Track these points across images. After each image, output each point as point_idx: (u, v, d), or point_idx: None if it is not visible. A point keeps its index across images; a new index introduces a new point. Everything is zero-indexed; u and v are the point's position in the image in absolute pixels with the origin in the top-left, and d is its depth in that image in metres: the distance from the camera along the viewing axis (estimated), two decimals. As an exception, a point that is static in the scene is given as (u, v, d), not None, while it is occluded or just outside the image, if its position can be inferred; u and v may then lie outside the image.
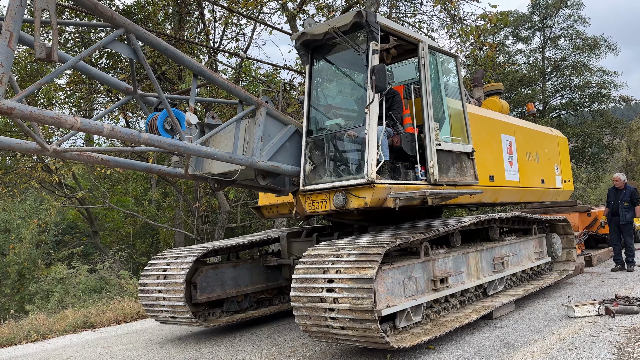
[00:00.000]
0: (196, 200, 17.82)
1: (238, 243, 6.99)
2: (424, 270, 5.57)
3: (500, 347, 5.12)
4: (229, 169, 5.76)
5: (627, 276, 9.08)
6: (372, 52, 5.41)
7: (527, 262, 7.57)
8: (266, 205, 7.56)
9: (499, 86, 8.61)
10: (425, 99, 6.02)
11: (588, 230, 12.61)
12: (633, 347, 4.79)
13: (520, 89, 27.98)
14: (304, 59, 6.07)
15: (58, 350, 6.83)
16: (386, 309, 4.92)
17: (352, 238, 5.33)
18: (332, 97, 6.58)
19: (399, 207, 5.68)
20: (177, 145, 4.76)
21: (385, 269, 5.02)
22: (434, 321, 5.66)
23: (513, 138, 7.79)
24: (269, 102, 5.73)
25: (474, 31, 14.79)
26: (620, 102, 29.35)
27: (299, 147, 5.95)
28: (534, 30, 29.30)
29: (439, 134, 6.11)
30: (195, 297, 6.31)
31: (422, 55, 6.07)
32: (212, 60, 16.13)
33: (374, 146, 5.37)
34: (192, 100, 5.02)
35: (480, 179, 6.75)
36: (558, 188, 9.05)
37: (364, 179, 5.31)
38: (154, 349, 6.32)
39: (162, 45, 4.80)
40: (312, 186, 5.74)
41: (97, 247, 21.59)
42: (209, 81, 5.20)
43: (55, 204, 19.13)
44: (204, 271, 6.42)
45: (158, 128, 5.03)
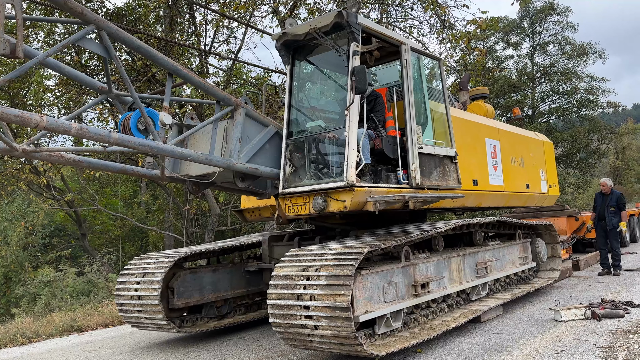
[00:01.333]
0: (186, 203, 17.60)
1: (218, 247, 6.80)
2: (405, 275, 5.43)
3: (487, 351, 5.11)
4: (207, 170, 5.60)
5: (614, 280, 9.07)
6: (353, 53, 5.28)
7: (511, 267, 7.45)
8: (248, 209, 7.40)
9: (485, 90, 8.51)
10: (407, 102, 5.90)
11: (576, 235, 12.60)
12: (618, 351, 4.79)
13: (510, 94, 28.05)
14: (285, 60, 5.93)
15: (44, 354, 6.69)
16: (364, 315, 4.77)
17: (327, 244, 5.14)
18: (314, 98, 6.44)
19: (379, 210, 5.56)
20: (150, 145, 4.60)
21: (364, 274, 4.88)
22: (422, 325, 5.58)
23: (497, 142, 7.68)
24: (248, 103, 5.58)
25: (464, 37, 14.79)
26: (608, 108, 29.49)
27: (279, 149, 5.80)
28: (524, 36, 29.43)
29: (421, 137, 5.98)
30: (173, 303, 6.12)
31: (405, 58, 5.95)
32: (202, 62, 15.98)
33: (353, 149, 5.23)
34: (167, 99, 4.86)
35: (463, 183, 6.63)
36: (543, 193, 8.95)
37: (343, 182, 5.16)
38: (141, 353, 6.19)
39: (135, 43, 4.64)
40: (292, 189, 5.59)
41: (85, 250, 21.27)
42: (185, 80, 5.03)
43: (43, 206, 18.82)
44: (182, 276, 6.23)
45: (131, 128, 4.86)
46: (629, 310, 6.44)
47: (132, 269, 6.22)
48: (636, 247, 14.37)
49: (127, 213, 21.64)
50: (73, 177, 22.41)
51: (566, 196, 30.84)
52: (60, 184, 20.41)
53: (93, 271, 13.86)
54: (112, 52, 4.48)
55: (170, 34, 15.59)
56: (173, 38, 15.22)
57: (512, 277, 7.62)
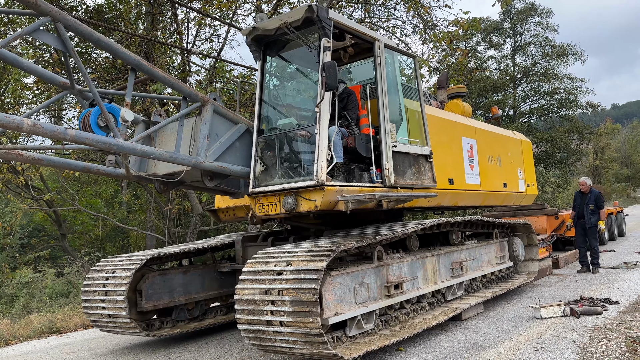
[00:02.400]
0: (168, 202, 17.28)
1: (189, 249, 6.58)
2: (377, 276, 5.28)
3: (468, 349, 5.12)
4: (175, 169, 5.39)
5: (592, 278, 9.11)
6: (324, 48, 5.11)
7: (487, 266, 7.35)
8: (222, 208, 7.19)
9: (462, 89, 8.41)
10: (381, 99, 5.75)
11: (555, 233, 12.64)
12: (596, 347, 4.83)
13: (491, 94, 28.18)
14: (255, 55, 5.74)
15: (22, 357, 6.53)
16: (334, 317, 4.61)
17: (295, 245, 4.97)
18: (286, 95, 6.26)
19: (352, 210, 5.40)
20: (109, 143, 4.38)
21: (334, 275, 4.72)
22: (403, 323, 5.52)
23: (474, 141, 7.58)
24: (217, 100, 5.38)
25: (446, 37, 14.78)
26: (587, 108, 29.85)
27: (250, 147, 5.61)
28: (505, 37, 29.63)
29: (395, 136, 5.84)
30: (141, 306, 5.89)
31: (378, 54, 5.80)
32: (185, 61, 15.70)
33: (324, 146, 5.07)
34: (129, 95, 4.65)
35: (439, 182, 6.51)
36: (521, 192, 8.89)
37: (313, 180, 4.99)
38: (121, 355, 6.03)
39: (95, 35, 4.42)
40: (262, 188, 5.40)
41: (65, 251, 20.78)
42: (148, 75, 4.82)
43: (22, 206, 18.34)
44: (150, 278, 6.00)
45: (91, 125, 4.65)
46: (606, 307, 6.46)
47: (98, 272, 5.97)
48: (614, 245, 14.42)
49: (108, 213, 21.21)
50: (52, 176, 21.89)
51: (546, 195, 31.09)
52: (39, 184, 19.92)
53: (73, 272, 13.55)
54: (69, 45, 4.26)
55: (152, 32, 15.28)
56: (155, 36, 14.91)
57: (489, 276, 7.52)
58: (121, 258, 6.02)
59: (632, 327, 5.50)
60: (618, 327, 5.57)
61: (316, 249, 4.43)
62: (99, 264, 6.12)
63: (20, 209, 18.09)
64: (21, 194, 18.73)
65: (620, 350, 4.70)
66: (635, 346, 4.80)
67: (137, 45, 13.97)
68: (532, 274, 8.17)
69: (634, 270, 9.66)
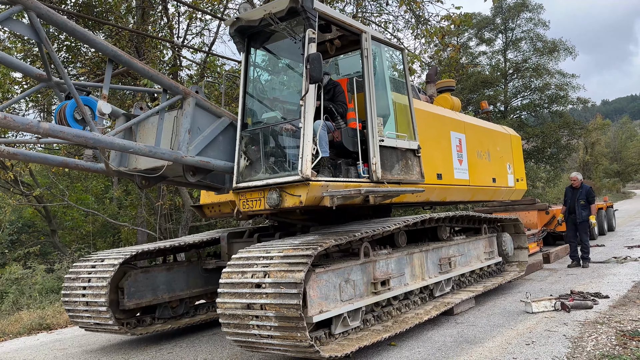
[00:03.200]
0: (159, 198, 17.06)
1: (174, 245, 6.42)
2: (364, 273, 5.16)
3: (460, 343, 5.11)
4: (156, 164, 5.21)
5: (583, 272, 9.08)
6: (309, 40, 4.95)
7: (476, 262, 7.25)
8: (208, 204, 7.03)
9: (451, 83, 8.27)
10: (368, 92, 5.60)
11: (546, 228, 12.63)
12: (587, 341, 4.83)
13: (483, 90, 28.10)
14: (239, 47, 5.57)
15: (11, 354, 6.44)
16: (318, 315, 4.49)
17: (271, 246, 4.75)
18: (270, 88, 6.10)
19: (338, 206, 5.26)
20: (85, 136, 4.21)
21: (319, 272, 4.59)
22: (395, 317, 5.46)
23: (463, 136, 7.46)
24: (199, 92, 5.21)
25: (438, 32, 14.68)
26: (577, 103, 29.83)
27: (234, 142, 5.45)
28: (497, 33, 29.53)
29: (382, 130, 5.70)
30: (123, 304, 5.73)
31: (365, 47, 5.65)
32: (175, 55, 15.46)
33: (309, 141, 4.92)
34: (106, 87, 4.46)
35: (427, 177, 6.39)
36: (510, 187, 8.79)
37: (297, 175, 4.85)
38: (112, 351, 5.94)
39: (69, 25, 4.23)
40: (246, 183, 5.25)
41: (55, 246, 20.52)
42: (127, 66, 4.63)
43: (11, 201, 18.06)
44: (133, 275, 5.84)
45: (67, 118, 4.47)
46: (597, 301, 6.47)
47: (79, 270, 5.80)
48: (604, 240, 14.44)
49: (99, 209, 20.95)
50: (42, 172, 21.58)
51: (537, 190, 31.13)
52: (28, 179, 19.62)
53: (63, 268, 13.36)
54: (42, 35, 4.07)
55: (142, 26, 15.02)
56: (145, 30, 14.66)
57: (478, 271, 7.42)
58: (103, 255, 5.84)
59: (622, 321, 5.50)
60: (608, 321, 5.57)
61: (292, 253, 4.26)
62: (80, 261, 5.94)
63: (9, 204, 17.79)
64: (10, 190, 18.43)
65: (611, 344, 4.71)
66: (626, 340, 4.80)
67: (128, 39, 13.72)
68: (523, 264, 8.08)
69: (623, 264, 9.67)
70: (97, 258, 5.81)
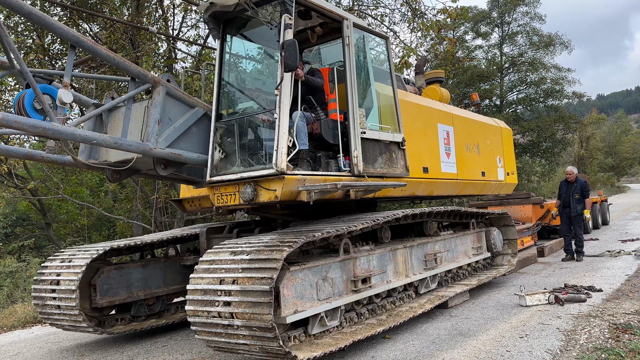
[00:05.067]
0: (154, 191, 16.77)
1: (151, 240, 6.13)
2: (343, 270, 4.87)
3: (454, 336, 5.10)
4: (127, 156, 4.90)
5: (577, 266, 9.02)
6: (285, 26, 4.63)
7: (463, 258, 6.97)
8: (188, 198, 6.74)
9: (440, 74, 7.95)
10: (349, 82, 5.30)
11: (541, 222, 12.51)
12: (580, 334, 4.82)
13: (479, 84, 27.71)
14: (214, 34, 5.25)
15: (5, 347, 6.37)
16: (293, 315, 4.21)
17: (237, 247, 4.42)
18: (247, 78, 5.78)
19: (317, 200, 4.97)
20: (43, 127, 3.91)
21: (294, 270, 4.30)
22: (389, 311, 5.34)
23: (451, 128, 7.15)
24: (170, 81, 4.90)
25: (434, 25, 14.40)
26: (573, 98, 29.44)
27: (209, 133, 5.15)
28: (493, 26, 29.08)
29: (364, 121, 5.40)
30: (95, 301, 5.45)
31: (347, 34, 5.33)
32: (170, 48, 15.12)
33: (285, 132, 4.62)
34: (68, 75, 4.16)
35: (412, 171, 6.10)
36: (500, 181, 8.49)
37: (272, 169, 4.55)
38: (107, 344, 5.85)
39: (26, 9, 3.92)
40: (220, 177, 4.96)
41: (50, 240, 20.26)
42: (90, 53, 4.32)
43: (5, 194, 17.76)
44: (106, 272, 5.55)
45: (26, 108, 4.17)
46: (590, 294, 6.43)
47: (51, 265, 5.51)
48: (598, 234, 14.35)
49: (94, 202, 20.66)
50: (36, 164, 21.25)
51: (532, 184, 30.84)
52: (23, 172, 19.32)
53: (58, 261, 13.11)
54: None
55: (137, 18, 14.67)
56: (140, 22, 14.31)
57: (465, 267, 7.15)
58: (71, 254, 5.54)
59: (615, 314, 5.46)
60: (601, 314, 5.53)
61: (261, 257, 3.96)
62: (49, 260, 5.64)
63: (3, 197, 17.49)
64: (4, 183, 18.14)
65: (604, 337, 4.68)
66: (618, 333, 4.77)
67: (122, 31, 13.38)
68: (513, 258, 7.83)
69: (617, 258, 9.63)
70: (66, 257, 5.49)
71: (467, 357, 4.42)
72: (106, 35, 13.66)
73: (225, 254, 4.21)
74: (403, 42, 16.20)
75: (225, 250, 4.28)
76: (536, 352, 4.40)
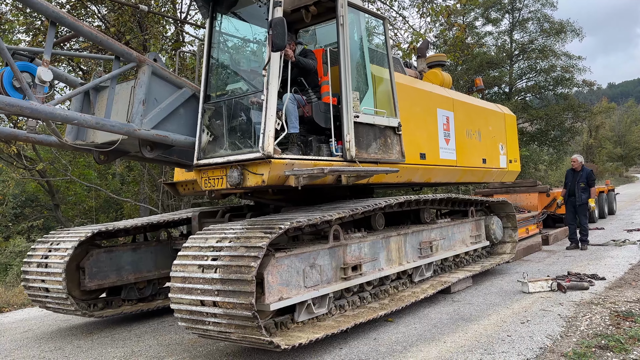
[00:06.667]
0: (161, 175, 16.71)
1: (142, 223, 5.99)
2: (332, 257, 4.70)
3: (456, 320, 5.10)
4: (114, 137, 4.74)
5: (581, 254, 8.91)
6: (274, 3, 4.41)
7: (461, 246, 6.76)
8: (181, 182, 6.60)
9: (442, 57, 7.64)
10: (343, 64, 5.05)
11: (546, 210, 12.33)
12: (581, 321, 4.81)
13: (488, 70, 27.10)
14: (203, 12, 5.04)
15: (16, 324, 6.45)
16: (277, 303, 4.06)
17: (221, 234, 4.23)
18: (237, 58, 5.56)
19: (309, 186, 4.79)
20: (20, 106, 3.74)
21: (279, 257, 4.14)
22: (392, 296, 5.34)
23: (451, 114, 6.88)
24: (157, 61, 4.70)
25: (444, 10, 14.04)
26: (583, 86, 28.71)
27: (197, 115, 4.95)
28: (503, 13, 28.30)
29: (358, 105, 5.17)
30: (84, 284, 5.35)
31: (341, 14, 5.07)
32: (178, 31, 14.90)
33: (272, 115, 4.42)
34: (48, 52, 3.98)
35: (409, 156, 5.87)
36: (502, 168, 8.22)
37: (259, 152, 4.36)
38: (114, 323, 5.85)
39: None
40: (207, 160, 4.78)
41: (58, 221, 20.32)
42: (72, 29, 4.13)
43: (14, 175, 17.80)
44: (95, 255, 5.43)
45: (4, 86, 4.00)
46: (593, 282, 6.37)
47: (40, 247, 5.40)
48: (604, 223, 14.12)
49: (101, 184, 20.68)
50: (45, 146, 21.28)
51: (539, 173, 30.34)
52: (31, 153, 19.34)
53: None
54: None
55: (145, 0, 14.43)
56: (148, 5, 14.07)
57: (463, 255, 6.95)
58: (61, 236, 5.43)
59: (617, 302, 5.41)
60: (603, 301, 5.49)
61: (245, 244, 3.80)
62: (38, 243, 5.53)
63: (12, 178, 17.53)
64: (14, 164, 18.18)
65: (604, 324, 4.66)
66: (619, 320, 4.74)
67: (130, 14, 13.18)
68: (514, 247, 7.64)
69: (622, 247, 9.49)
70: (54, 240, 5.37)
71: (469, 340, 4.41)
72: (114, 18, 13.44)
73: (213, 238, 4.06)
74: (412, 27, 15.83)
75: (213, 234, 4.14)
76: (537, 337, 4.40)
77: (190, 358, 4.42)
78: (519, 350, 4.07)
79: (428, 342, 4.42)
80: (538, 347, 4.13)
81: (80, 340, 5.22)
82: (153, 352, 4.68)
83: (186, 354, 4.53)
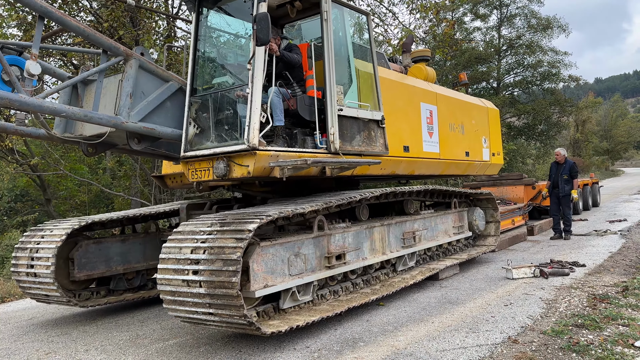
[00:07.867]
0: (154, 169, 16.68)
1: (131, 215, 6.05)
2: (317, 247, 4.80)
3: (443, 304, 5.36)
4: (102, 130, 4.79)
5: (564, 244, 9.19)
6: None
7: (443, 237, 6.90)
8: (170, 174, 6.64)
9: (427, 52, 7.73)
10: (327, 58, 5.14)
11: (532, 202, 12.57)
12: (560, 303, 5.09)
13: (476, 66, 27.28)
14: (189, 6, 5.08)
15: (20, 312, 6.58)
16: (262, 290, 4.16)
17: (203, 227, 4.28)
18: (223, 52, 5.61)
19: (294, 178, 4.89)
20: (9, 98, 3.79)
21: (264, 246, 4.24)
22: (383, 282, 5.43)
23: (435, 107, 6.99)
24: (144, 55, 4.75)
25: (433, 7, 14.12)
26: (569, 81, 29.00)
27: (183, 108, 5.01)
28: (492, 8, 28.46)
29: (342, 99, 5.26)
30: (73, 275, 5.41)
31: (325, 9, 5.15)
32: (170, 26, 14.84)
33: (257, 107, 4.50)
34: (36, 46, 4.02)
35: (393, 149, 5.98)
36: (485, 161, 8.35)
37: (244, 144, 4.44)
38: (118, 309, 6.01)
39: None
40: (194, 152, 4.85)
41: (50, 216, 20.23)
42: (59, 23, 4.17)
43: (9, 169, 17.69)
44: (84, 246, 5.49)
45: (-8, 79, 4.04)
46: (574, 269, 6.59)
47: (28, 240, 5.44)
48: (588, 215, 14.44)
49: (92, 179, 20.59)
50: (36, 141, 21.08)
51: (527, 167, 30.63)
52: (23, 148, 19.23)
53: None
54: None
55: (136, -6, 14.34)
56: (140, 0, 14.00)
57: (445, 245, 7.08)
58: (52, 226, 5.48)
59: (595, 286, 5.67)
60: (582, 286, 5.74)
61: (231, 228, 3.89)
62: (30, 231, 5.58)
63: (7, 172, 17.40)
64: (7, 158, 18.07)
65: (582, 305, 4.93)
66: (596, 302, 5.00)
67: (123, 9, 13.12)
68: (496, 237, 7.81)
69: (603, 237, 9.76)
70: (47, 228, 5.44)
71: (455, 321, 4.66)
72: (107, 13, 13.37)
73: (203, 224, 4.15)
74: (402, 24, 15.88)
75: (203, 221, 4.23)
76: (519, 317, 4.65)
77: (193, 340, 4.57)
78: (502, 329, 4.32)
79: (417, 323, 4.67)
80: (519, 326, 4.37)
81: (85, 326, 5.37)
82: (157, 335, 4.84)
83: (189, 337, 4.68)
